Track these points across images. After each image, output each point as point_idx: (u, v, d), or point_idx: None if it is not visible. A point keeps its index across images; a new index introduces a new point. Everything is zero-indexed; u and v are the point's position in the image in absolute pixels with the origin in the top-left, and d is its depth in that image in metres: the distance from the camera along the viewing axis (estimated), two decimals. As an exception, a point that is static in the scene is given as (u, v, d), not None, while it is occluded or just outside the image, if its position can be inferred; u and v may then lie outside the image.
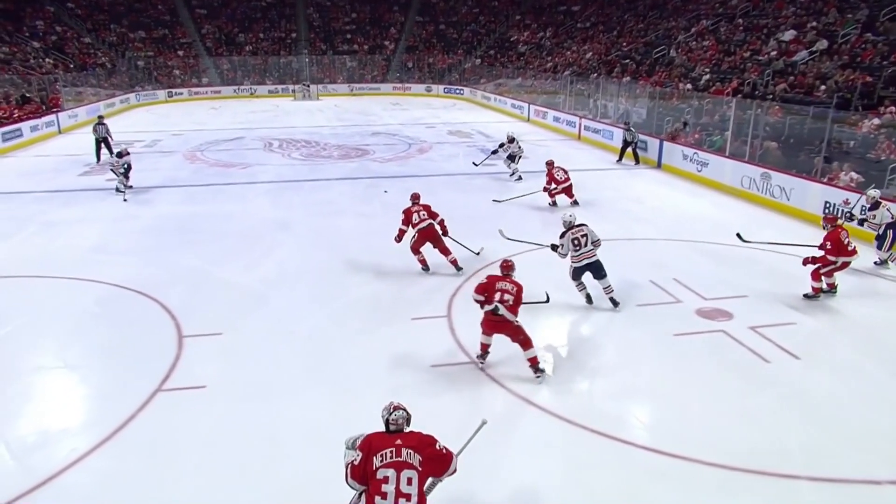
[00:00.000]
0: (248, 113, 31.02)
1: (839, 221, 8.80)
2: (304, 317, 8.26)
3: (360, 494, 3.96)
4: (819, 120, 14.08)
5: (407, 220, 9.46)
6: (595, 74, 27.39)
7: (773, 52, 19.53)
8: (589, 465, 5.44)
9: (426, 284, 9.29)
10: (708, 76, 20.94)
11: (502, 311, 6.53)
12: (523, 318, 6.70)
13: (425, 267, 9.63)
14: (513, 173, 16.18)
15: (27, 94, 25.13)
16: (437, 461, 4.07)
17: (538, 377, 6.65)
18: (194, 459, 5.48)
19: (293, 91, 38.49)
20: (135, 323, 8.06)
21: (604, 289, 8.25)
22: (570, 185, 13.60)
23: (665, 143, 17.68)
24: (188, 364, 7.02)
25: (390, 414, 4.08)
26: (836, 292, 8.77)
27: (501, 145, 16.32)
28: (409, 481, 3.88)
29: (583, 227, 8.19)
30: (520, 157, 16.18)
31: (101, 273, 9.52)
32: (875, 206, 9.99)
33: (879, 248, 9.91)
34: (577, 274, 8.27)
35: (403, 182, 15.82)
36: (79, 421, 6.11)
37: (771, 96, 17.13)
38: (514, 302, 6.55)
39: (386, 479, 3.84)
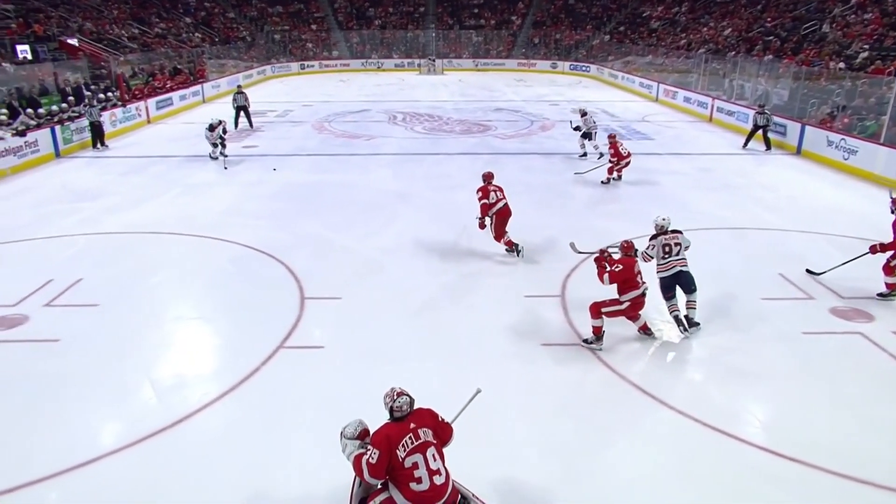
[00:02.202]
0: (374, 86, 31.88)
1: None
2: (418, 287, 8.46)
3: (385, 484, 3.99)
4: None
5: (485, 196, 9.09)
6: (733, 52, 25.71)
7: (953, 26, 17.41)
8: (699, 459, 5.23)
9: (541, 263, 9.22)
10: (866, 54, 19.05)
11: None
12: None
13: (515, 248, 9.27)
14: (585, 154, 15.61)
15: (178, 66, 27.19)
16: (441, 431, 4.11)
17: (654, 337, 7.03)
18: (310, 414, 5.80)
19: (418, 65, 39.07)
20: (262, 282, 8.61)
21: (687, 302, 7.22)
22: (628, 164, 13.30)
23: (807, 127, 16.35)
24: (309, 324, 7.41)
25: (394, 401, 4.03)
26: None
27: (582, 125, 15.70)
28: (435, 457, 3.95)
29: (677, 235, 7.20)
30: (595, 132, 15.45)
31: (234, 234, 10.21)
32: None
33: None
34: (667, 287, 7.21)
35: (525, 159, 15.75)
36: (211, 369, 6.64)
37: (944, 76, 15.36)
38: None
39: (416, 465, 3.88)
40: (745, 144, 17.10)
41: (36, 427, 5.59)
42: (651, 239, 7.33)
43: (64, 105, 17.18)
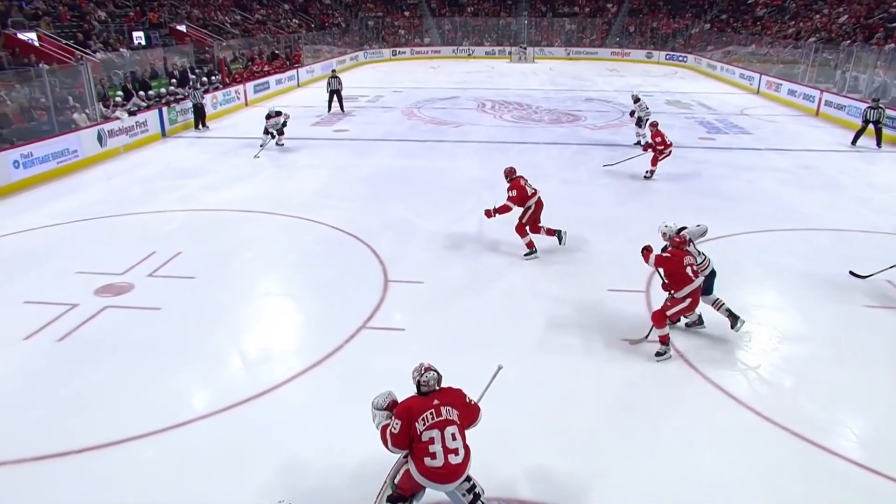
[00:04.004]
0: (464, 73, 31.90)
1: None
2: (501, 275, 8.45)
3: (406, 456, 4.06)
4: None
5: (521, 196, 8.63)
6: (848, 41, 24.08)
7: None
8: (788, 471, 4.97)
9: (626, 257, 8.94)
10: None
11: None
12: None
13: (534, 250, 8.90)
14: (639, 142, 15.02)
15: (276, 52, 28.12)
16: (467, 412, 4.15)
17: (703, 326, 6.92)
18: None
19: (509, 53, 38.77)
20: (348, 263, 8.82)
21: (712, 304, 6.82)
22: (670, 154, 12.64)
23: (932, 123, 15.14)
24: (391, 306, 7.54)
25: (421, 376, 4.10)
26: None
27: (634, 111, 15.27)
28: (454, 437, 3.98)
29: (683, 233, 6.66)
30: (646, 119, 14.81)
31: (323, 215, 10.50)
32: None
33: None
34: None
35: (614, 151, 15.35)
36: (296, 344, 6.89)
37: None
38: None
39: (432, 441, 3.93)
40: (855, 141, 16.00)
41: (137, 387, 5.98)
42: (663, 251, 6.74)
43: (171, 87, 18.15)
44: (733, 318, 6.76)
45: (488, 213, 8.90)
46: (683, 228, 6.83)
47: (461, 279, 8.32)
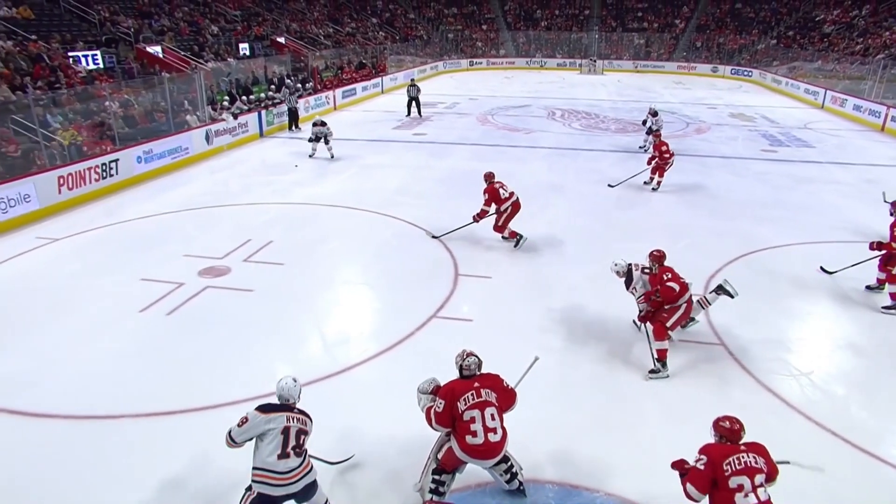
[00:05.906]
0: (536, 83, 31.53)
1: None
2: (565, 274, 8.31)
3: (449, 434, 4.14)
4: None
5: (493, 199, 8.91)
6: (921, 57, 22.41)
7: None
8: (838, 478, 4.65)
9: (686, 259, 8.62)
10: None
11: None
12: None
13: (518, 237, 9.09)
14: (646, 149, 14.34)
15: (363, 61, 28.59)
16: (505, 396, 4.25)
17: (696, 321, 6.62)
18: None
19: (579, 65, 38.08)
20: (421, 257, 8.87)
21: (701, 305, 6.51)
22: (671, 164, 12.08)
23: None
24: (460, 298, 7.54)
25: (463, 360, 4.22)
26: None
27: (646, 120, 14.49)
28: (493, 417, 4.08)
29: (639, 264, 6.42)
30: (659, 132, 14.00)
31: (400, 212, 10.59)
32: None
33: None
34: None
35: (676, 161, 14.82)
36: (371, 329, 6.96)
37: None
38: None
39: (473, 420, 4.03)
40: None
41: (230, 360, 6.21)
42: (628, 286, 6.49)
43: (269, 93, 18.75)
44: (722, 290, 6.37)
45: (477, 218, 9.13)
46: (639, 264, 6.46)
47: (527, 276, 8.23)
